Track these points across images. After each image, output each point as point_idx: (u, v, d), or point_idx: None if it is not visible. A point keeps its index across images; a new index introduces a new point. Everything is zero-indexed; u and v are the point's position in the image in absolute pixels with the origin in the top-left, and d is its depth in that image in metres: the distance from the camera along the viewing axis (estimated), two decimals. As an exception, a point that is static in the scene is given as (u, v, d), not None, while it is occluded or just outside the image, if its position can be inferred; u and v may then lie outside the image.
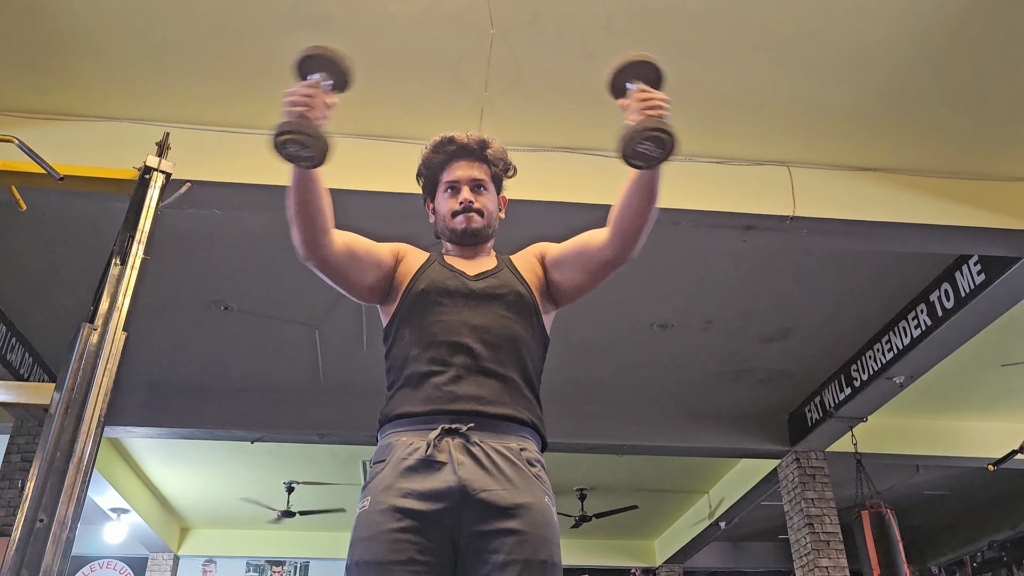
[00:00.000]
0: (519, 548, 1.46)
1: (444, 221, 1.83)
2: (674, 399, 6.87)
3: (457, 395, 1.58)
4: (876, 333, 5.82)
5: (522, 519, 1.49)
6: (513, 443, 1.57)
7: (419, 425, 1.57)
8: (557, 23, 3.45)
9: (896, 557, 6.02)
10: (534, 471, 1.57)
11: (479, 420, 1.56)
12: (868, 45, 3.56)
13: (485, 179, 1.85)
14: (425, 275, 1.75)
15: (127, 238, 2.29)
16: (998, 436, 7.02)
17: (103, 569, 10.09)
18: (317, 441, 6.90)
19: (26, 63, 3.64)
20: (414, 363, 1.65)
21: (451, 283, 1.72)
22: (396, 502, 1.50)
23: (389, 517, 1.49)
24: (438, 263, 1.79)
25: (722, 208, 4.11)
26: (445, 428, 1.54)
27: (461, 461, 1.52)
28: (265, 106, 3.89)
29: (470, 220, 1.80)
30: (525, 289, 1.75)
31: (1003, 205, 4.26)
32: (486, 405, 1.58)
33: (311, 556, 10.48)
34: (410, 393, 1.63)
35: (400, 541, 1.47)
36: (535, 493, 1.53)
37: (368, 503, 1.54)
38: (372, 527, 1.50)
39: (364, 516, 1.53)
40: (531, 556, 1.46)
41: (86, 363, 2.01)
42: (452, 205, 1.82)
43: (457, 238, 1.82)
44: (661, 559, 10.76)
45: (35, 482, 1.82)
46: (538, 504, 1.53)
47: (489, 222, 1.84)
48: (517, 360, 1.67)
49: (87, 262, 4.67)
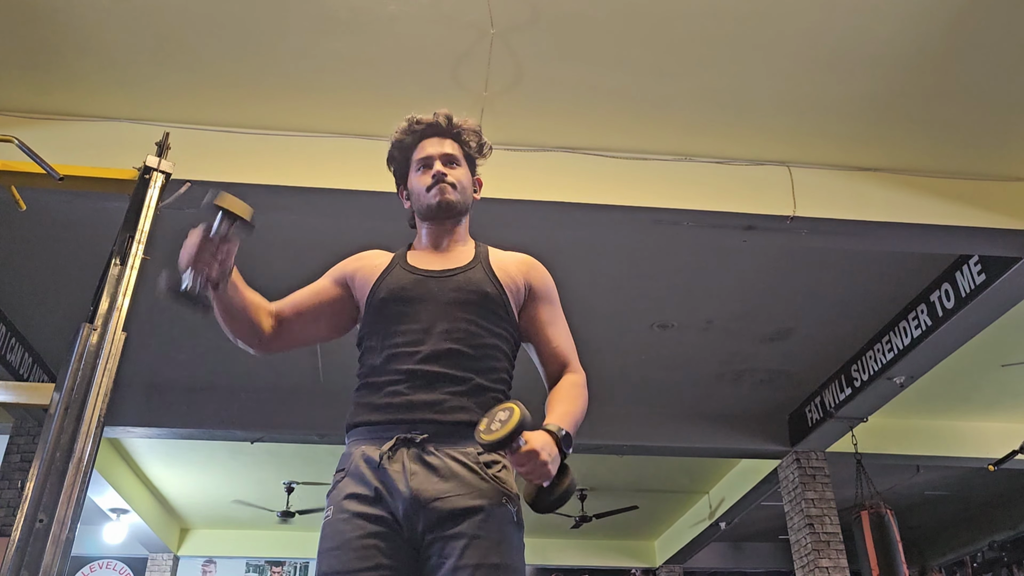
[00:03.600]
0: (470, 552, 1.46)
1: (419, 199, 1.80)
2: (674, 399, 6.87)
3: (413, 403, 1.57)
4: (876, 333, 5.82)
5: (473, 523, 1.48)
6: (471, 447, 1.54)
7: (376, 434, 1.57)
8: (557, 23, 3.45)
9: (896, 558, 6.02)
10: (492, 472, 1.55)
11: (435, 428, 1.55)
12: (868, 45, 3.56)
13: (457, 155, 1.83)
14: (384, 283, 1.72)
15: (127, 238, 2.28)
16: (998, 436, 7.02)
17: (103, 569, 10.09)
18: (317, 441, 6.89)
19: (26, 63, 3.64)
20: (375, 372, 1.66)
21: (411, 288, 1.70)
22: (358, 509, 1.51)
23: (353, 526, 1.50)
24: (400, 266, 1.75)
25: (722, 208, 4.11)
26: (400, 438, 1.54)
27: (414, 471, 1.51)
28: (265, 106, 3.89)
29: (443, 192, 1.76)
30: (494, 288, 1.71)
31: (1003, 205, 4.26)
32: (443, 413, 1.56)
33: (311, 556, 10.44)
34: (369, 402, 1.63)
35: (367, 547, 1.48)
36: (489, 496, 1.52)
37: (331, 512, 1.55)
38: (338, 537, 1.51)
39: (329, 526, 1.54)
40: (481, 560, 1.45)
41: (86, 363, 2.01)
42: (425, 180, 1.79)
43: (432, 213, 1.78)
44: (661, 559, 10.75)
45: (35, 482, 1.82)
46: (491, 507, 1.51)
47: (463, 196, 1.80)
48: (481, 361, 1.64)
49: (87, 262, 4.66)
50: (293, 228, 4.54)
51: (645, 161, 4.11)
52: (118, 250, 2.26)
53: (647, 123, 3.98)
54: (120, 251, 2.25)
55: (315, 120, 3.93)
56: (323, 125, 3.95)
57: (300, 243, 4.63)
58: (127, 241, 2.28)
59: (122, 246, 2.26)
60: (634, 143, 4.09)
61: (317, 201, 3.94)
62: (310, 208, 4.03)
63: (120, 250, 2.26)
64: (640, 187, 4.06)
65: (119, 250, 2.26)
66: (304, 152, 3.94)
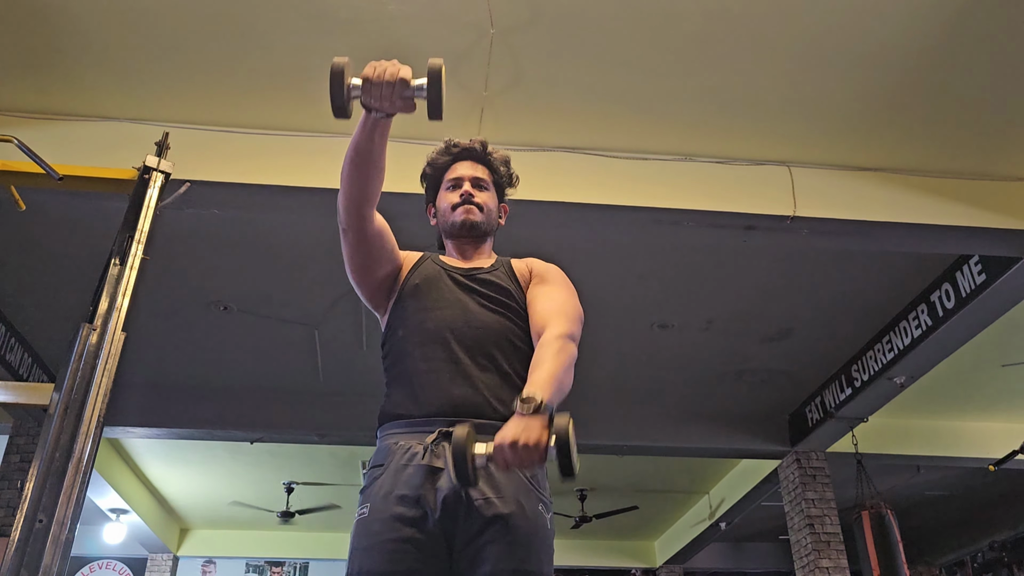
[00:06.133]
0: (506, 558, 1.46)
1: (445, 216, 1.87)
2: (674, 399, 6.86)
3: (454, 396, 1.58)
4: (876, 333, 5.82)
5: (510, 528, 1.48)
6: None
7: (417, 428, 1.57)
8: (557, 23, 3.45)
9: (896, 558, 6.02)
10: (529, 475, 1.55)
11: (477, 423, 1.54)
12: (868, 45, 3.56)
13: (487, 180, 1.89)
14: (418, 272, 1.78)
15: (127, 238, 2.29)
16: (998, 436, 7.02)
17: (102, 570, 10.08)
18: (317, 441, 6.89)
19: (26, 63, 3.64)
20: (409, 361, 1.66)
21: (444, 279, 1.75)
22: (395, 510, 1.50)
23: (389, 527, 1.49)
24: (431, 260, 1.82)
25: (722, 208, 4.11)
26: (442, 432, 1.53)
27: None
28: (265, 106, 3.89)
29: (469, 212, 1.83)
30: (515, 287, 1.78)
31: (1003, 205, 4.26)
32: (483, 406, 1.57)
33: (311, 557, 10.47)
34: (407, 393, 1.63)
35: (400, 552, 1.47)
36: (527, 500, 1.52)
37: (368, 511, 1.53)
38: (372, 536, 1.50)
39: (363, 524, 1.52)
40: (518, 566, 1.46)
41: (85, 363, 2.01)
42: (453, 199, 1.86)
43: (456, 231, 1.84)
44: (661, 560, 10.75)
45: (34, 482, 1.82)
46: (528, 512, 1.51)
47: (488, 218, 1.86)
48: (514, 355, 1.67)
49: (87, 262, 4.67)
50: (293, 228, 4.54)
51: (645, 161, 4.11)
52: (118, 250, 2.26)
53: (647, 123, 3.98)
54: (120, 251, 2.26)
55: (315, 120, 3.92)
56: (323, 125, 3.95)
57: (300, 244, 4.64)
58: (127, 241, 2.28)
59: (122, 246, 2.27)
60: (634, 143, 4.09)
61: (317, 201, 3.93)
62: (310, 208, 4.03)
63: (120, 250, 2.26)
64: (640, 187, 4.06)
65: (119, 250, 2.26)
66: (304, 152, 3.94)
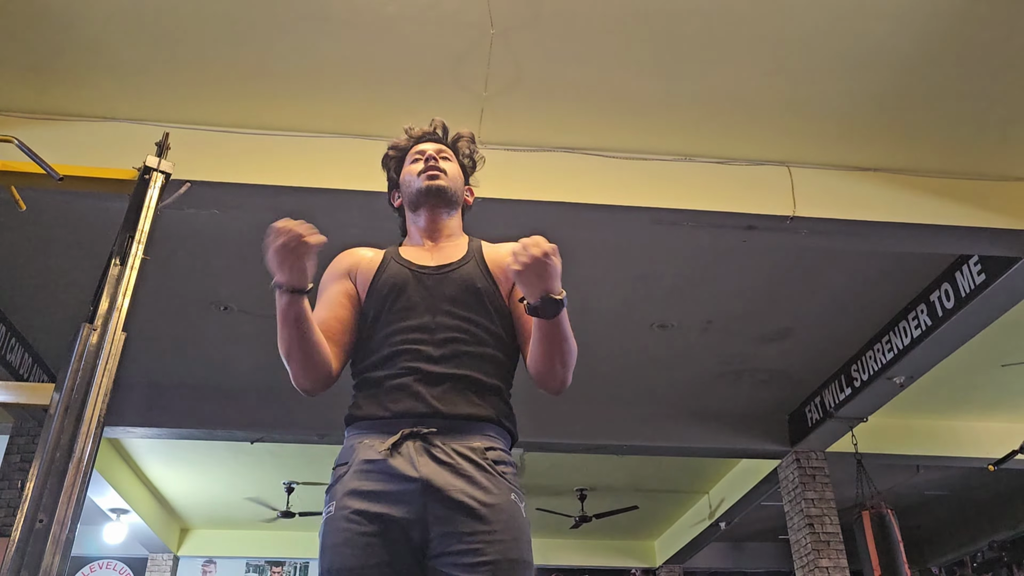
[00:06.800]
0: (490, 548, 1.46)
1: (409, 186, 1.83)
2: (674, 399, 6.86)
3: (418, 397, 1.58)
4: (876, 333, 5.82)
5: (491, 519, 1.48)
6: (477, 443, 1.56)
7: (381, 428, 1.57)
8: (557, 23, 3.45)
9: (897, 557, 6.02)
10: (500, 469, 1.56)
11: (440, 422, 1.55)
12: (868, 45, 3.56)
13: (451, 156, 1.88)
14: (383, 280, 1.72)
15: (127, 238, 2.28)
16: (998, 436, 7.01)
17: (103, 570, 10.08)
18: (317, 441, 6.89)
19: (26, 63, 3.64)
20: (375, 365, 1.65)
21: (410, 284, 1.70)
22: (361, 506, 1.50)
23: (356, 522, 1.49)
24: (394, 260, 1.76)
25: (722, 208, 4.11)
26: (406, 432, 1.54)
27: (422, 463, 1.51)
28: (265, 106, 3.89)
29: (434, 178, 1.80)
30: (486, 283, 1.71)
31: (1003, 205, 4.26)
32: (446, 405, 1.57)
33: (311, 556, 10.45)
34: (372, 395, 1.63)
35: (370, 545, 1.47)
36: (503, 492, 1.53)
37: (334, 508, 1.54)
38: (340, 533, 1.50)
39: (331, 522, 1.53)
40: (502, 556, 1.46)
41: (86, 363, 2.01)
42: (416, 168, 1.84)
43: (423, 197, 1.80)
44: (661, 559, 10.75)
45: (35, 482, 1.82)
46: (506, 503, 1.52)
47: (454, 185, 1.83)
48: (480, 356, 1.64)
49: (87, 262, 4.67)
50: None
51: (645, 161, 4.10)
52: (118, 250, 2.26)
53: (647, 123, 3.98)
54: (120, 251, 2.25)
55: (315, 120, 3.93)
56: (323, 125, 3.95)
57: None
58: (127, 241, 2.28)
59: (122, 246, 2.26)
60: (634, 143, 4.09)
61: (317, 201, 3.94)
62: (310, 208, 4.02)
63: (120, 250, 2.26)
64: (640, 187, 4.06)
65: (119, 250, 2.26)
66: (304, 152, 3.94)
